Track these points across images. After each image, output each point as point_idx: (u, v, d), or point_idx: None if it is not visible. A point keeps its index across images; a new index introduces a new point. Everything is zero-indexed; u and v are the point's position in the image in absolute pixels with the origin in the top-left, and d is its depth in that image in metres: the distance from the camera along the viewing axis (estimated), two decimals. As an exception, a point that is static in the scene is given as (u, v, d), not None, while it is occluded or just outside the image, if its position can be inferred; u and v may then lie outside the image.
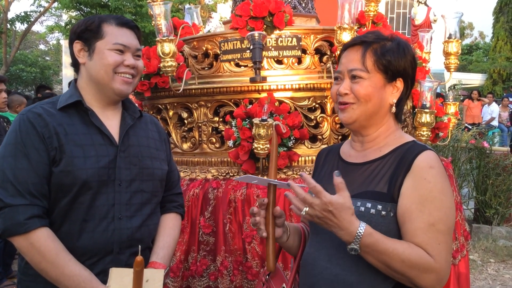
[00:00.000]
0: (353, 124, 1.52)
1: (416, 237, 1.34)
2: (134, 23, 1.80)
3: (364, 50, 1.48)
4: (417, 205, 1.36)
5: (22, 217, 1.55)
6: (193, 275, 2.72)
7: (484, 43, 30.92)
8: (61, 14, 22.60)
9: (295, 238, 1.70)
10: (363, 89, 1.46)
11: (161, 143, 1.95)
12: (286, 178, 2.77)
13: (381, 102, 1.49)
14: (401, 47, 1.49)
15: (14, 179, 1.57)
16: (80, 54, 1.74)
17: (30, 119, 1.63)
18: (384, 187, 1.42)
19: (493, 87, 21.07)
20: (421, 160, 1.40)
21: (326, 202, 1.30)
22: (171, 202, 1.99)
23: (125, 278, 1.51)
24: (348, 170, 1.54)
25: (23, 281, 1.73)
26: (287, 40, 2.92)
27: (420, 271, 1.31)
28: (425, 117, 2.90)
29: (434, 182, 1.38)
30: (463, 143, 6.71)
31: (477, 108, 13.84)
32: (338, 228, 1.31)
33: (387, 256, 1.31)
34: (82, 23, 1.75)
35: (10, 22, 15.24)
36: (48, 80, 25.79)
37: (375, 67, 1.47)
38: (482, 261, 5.41)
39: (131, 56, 1.74)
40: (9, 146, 1.62)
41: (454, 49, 3.21)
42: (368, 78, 1.46)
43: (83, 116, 1.71)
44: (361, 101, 1.47)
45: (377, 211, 1.40)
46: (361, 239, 1.30)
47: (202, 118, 3.01)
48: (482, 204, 6.43)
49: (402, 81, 1.51)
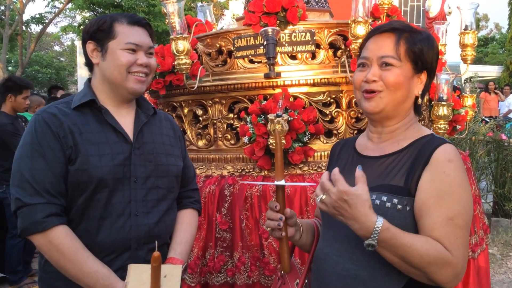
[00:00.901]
0: (378, 114, 1.48)
1: (434, 231, 1.32)
2: (145, 21, 1.80)
3: (398, 37, 1.44)
4: (436, 199, 1.33)
5: (40, 216, 1.57)
6: (211, 271, 2.73)
7: (500, 35, 30.44)
8: (75, 15, 22.83)
9: (308, 235, 1.68)
10: (395, 77, 1.42)
11: (176, 140, 1.95)
12: (301, 174, 2.76)
13: (409, 93, 1.46)
14: (430, 39, 1.47)
15: (31, 178, 1.59)
16: (94, 54, 1.75)
17: (45, 119, 1.65)
18: (401, 181, 1.40)
19: (509, 79, 20.72)
20: (439, 153, 1.37)
21: (342, 190, 1.27)
22: (188, 198, 1.99)
23: (143, 274, 1.52)
24: (364, 163, 1.49)
25: (43, 278, 1.76)
26: (300, 35, 2.91)
27: (438, 266, 1.29)
28: (442, 110, 2.87)
29: (453, 176, 1.35)
30: (480, 136, 6.63)
31: (494, 101, 13.64)
32: (353, 221, 1.29)
33: (405, 251, 1.28)
34: (94, 23, 1.75)
35: (25, 24, 15.43)
36: (64, 81, 26.05)
37: (406, 56, 1.43)
38: (501, 255, 5.34)
39: (143, 55, 1.74)
40: (25, 146, 1.64)
41: (470, 41, 3.17)
42: (399, 67, 1.43)
43: (97, 115, 1.73)
44: (390, 90, 1.43)
45: (393, 205, 1.37)
46: (379, 234, 1.27)
47: (217, 115, 3.02)
48: (500, 198, 6.33)
49: (426, 74, 1.48)
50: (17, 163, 1.64)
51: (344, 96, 2.87)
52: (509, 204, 6.23)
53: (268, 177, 2.77)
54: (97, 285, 1.59)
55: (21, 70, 14.29)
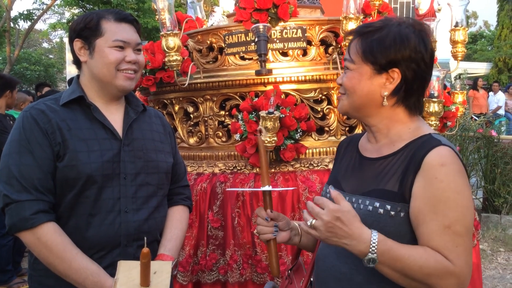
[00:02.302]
0: (346, 113, 1.52)
1: (432, 241, 1.27)
2: (132, 17, 1.79)
3: (352, 40, 1.44)
4: (430, 207, 1.28)
5: (28, 212, 1.57)
6: (203, 269, 2.72)
7: (489, 32, 30.70)
8: (64, 12, 22.64)
9: (310, 237, 1.62)
10: (348, 81, 1.43)
11: (166, 136, 1.94)
12: (293, 171, 2.76)
13: (368, 94, 1.41)
14: (392, 35, 1.37)
15: (19, 175, 1.59)
16: (81, 52, 1.74)
17: (33, 116, 1.64)
18: (395, 186, 1.34)
19: (498, 76, 20.90)
20: (431, 157, 1.31)
21: (334, 209, 1.24)
22: (178, 194, 1.99)
23: (133, 271, 1.51)
24: (363, 164, 1.48)
25: (33, 276, 1.75)
26: (292, 31, 2.90)
27: (439, 277, 1.24)
28: (433, 107, 2.87)
29: (446, 181, 1.28)
30: (470, 132, 6.67)
31: (483, 98, 13.71)
32: (350, 238, 1.24)
33: (404, 263, 1.24)
34: (80, 20, 1.74)
35: (13, 21, 15.25)
36: (52, 78, 25.79)
37: (361, 57, 1.40)
38: (491, 250, 5.38)
39: (131, 52, 1.73)
40: (13, 143, 1.64)
41: (461, 37, 3.17)
42: (354, 69, 1.41)
43: (86, 112, 1.72)
44: (348, 92, 1.44)
45: (386, 211, 1.33)
46: (377, 246, 1.22)
47: (208, 112, 3.00)
48: (490, 193, 6.38)
49: (399, 72, 1.38)
50: (5, 159, 1.63)
51: (336, 93, 2.86)
52: (499, 200, 6.29)
53: (260, 174, 2.75)
54: (86, 282, 1.58)
55: (9, 67, 14.14)
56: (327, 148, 2.85)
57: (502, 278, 4.71)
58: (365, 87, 1.40)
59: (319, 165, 2.77)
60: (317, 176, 2.71)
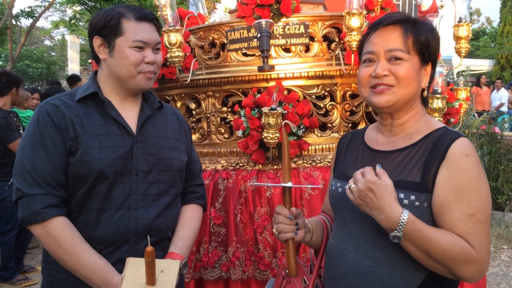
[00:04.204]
0: (390, 108, 1.45)
1: (456, 228, 1.30)
2: (153, 15, 1.77)
3: (405, 29, 1.41)
4: (455, 196, 1.31)
5: (39, 206, 1.58)
6: (205, 266, 2.71)
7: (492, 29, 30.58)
8: (66, 9, 22.62)
9: (318, 233, 1.66)
10: (406, 71, 1.40)
11: (181, 134, 1.94)
12: (296, 168, 2.74)
13: (419, 85, 1.45)
14: (434, 29, 1.44)
15: (32, 169, 1.61)
16: (100, 49, 1.74)
17: (47, 111, 1.66)
18: (417, 177, 1.37)
19: (501, 73, 20.85)
20: (456, 148, 1.35)
21: (369, 180, 1.28)
22: (192, 193, 1.98)
23: (140, 268, 1.52)
24: (375, 158, 1.48)
25: (45, 269, 1.77)
26: (294, 27, 2.88)
27: (461, 262, 1.28)
28: (437, 103, 2.86)
29: (471, 171, 1.33)
30: (473, 129, 6.64)
31: (486, 95, 13.68)
32: (379, 211, 1.28)
33: (429, 245, 1.27)
34: (101, 18, 1.72)
35: (15, 18, 15.24)
36: (54, 76, 25.80)
37: (414, 48, 1.41)
38: (495, 247, 5.37)
39: (151, 52, 1.73)
40: (28, 137, 1.66)
41: (464, 33, 3.15)
42: (409, 60, 1.40)
43: (100, 108, 1.73)
44: (402, 84, 1.40)
45: (411, 202, 1.35)
46: (404, 226, 1.26)
47: (210, 108, 2.99)
48: (494, 190, 6.35)
49: (431, 66, 1.46)
50: (19, 153, 1.66)
51: (339, 89, 2.85)
52: (502, 197, 6.27)
53: (262, 171, 2.74)
54: (93, 277, 1.59)
55: (11, 65, 14.12)
56: (330, 144, 2.84)
57: (505, 275, 4.69)
58: (418, 78, 1.44)
59: (321, 161, 2.76)
60: (319, 172, 2.69)
